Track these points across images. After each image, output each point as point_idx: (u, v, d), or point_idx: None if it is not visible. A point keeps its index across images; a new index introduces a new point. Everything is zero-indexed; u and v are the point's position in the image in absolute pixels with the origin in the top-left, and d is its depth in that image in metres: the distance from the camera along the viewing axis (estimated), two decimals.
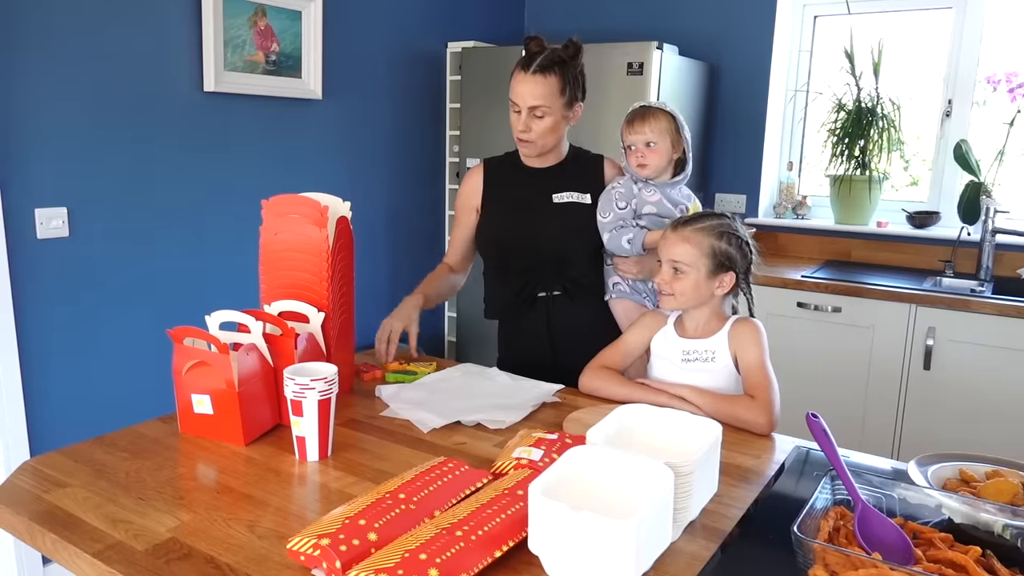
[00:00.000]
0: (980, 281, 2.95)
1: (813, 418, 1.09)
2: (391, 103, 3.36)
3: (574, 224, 1.84)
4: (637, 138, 1.78)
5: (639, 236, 1.79)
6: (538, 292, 1.86)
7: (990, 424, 2.58)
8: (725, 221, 1.53)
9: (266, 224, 1.49)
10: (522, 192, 1.87)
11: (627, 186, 1.82)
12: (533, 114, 1.74)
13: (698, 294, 1.51)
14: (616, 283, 1.88)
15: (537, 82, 1.72)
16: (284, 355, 1.36)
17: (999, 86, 3.14)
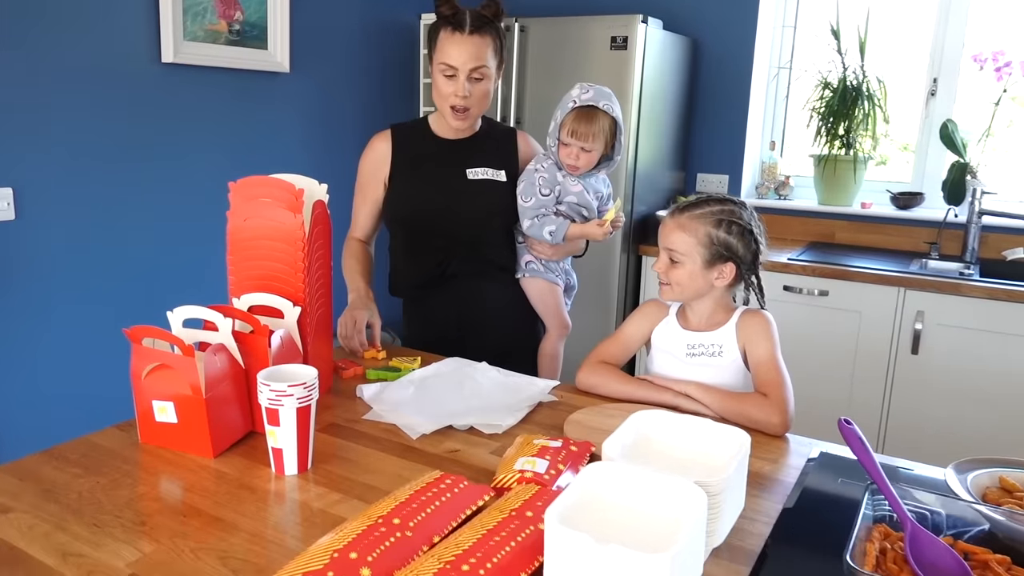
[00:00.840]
0: (966, 263, 2.91)
1: (847, 425, 0.99)
2: (363, 77, 3.19)
3: (490, 203, 1.76)
4: (576, 143, 1.71)
5: (562, 228, 1.74)
6: (450, 271, 1.77)
7: (979, 409, 2.55)
8: (728, 207, 1.43)
9: (234, 209, 1.35)
10: (434, 165, 1.76)
11: (551, 172, 1.75)
12: (471, 77, 1.62)
13: (695, 285, 1.41)
14: (529, 262, 1.83)
15: (475, 43, 1.61)
16: (256, 355, 1.23)
17: (986, 65, 3.08)
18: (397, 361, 1.59)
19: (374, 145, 1.80)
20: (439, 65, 1.63)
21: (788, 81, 3.49)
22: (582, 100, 1.69)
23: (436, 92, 1.68)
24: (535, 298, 1.84)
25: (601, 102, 1.69)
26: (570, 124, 1.69)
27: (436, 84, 1.66)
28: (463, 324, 1.81)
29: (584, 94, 1.70)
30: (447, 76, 1.63)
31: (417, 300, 1.85)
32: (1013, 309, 2.47)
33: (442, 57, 1.62)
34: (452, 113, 1.67)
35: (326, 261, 1.40)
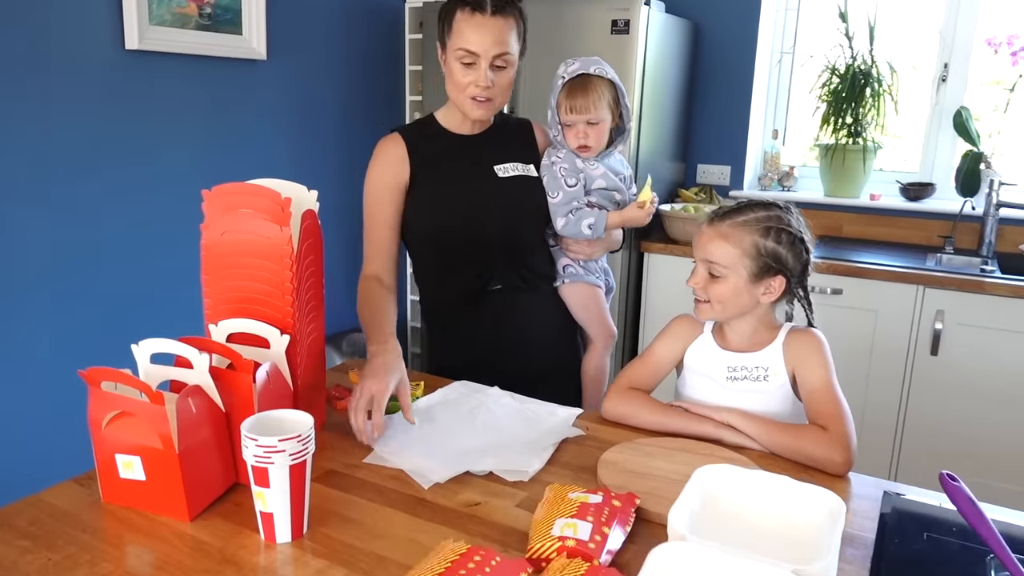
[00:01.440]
0: (984, 258, 2.78)
1: (951, 481, 0.83)
2: (345, 65, 2.98)
3: (527, 203, 1.57)
4: (578, 117, 1.54)
5: (601, 219, 1.57)
6: (492, 285, 1.56)
7: (1001, 412, 2.42)
8: (774, 212, 1.26)
9: (209, 221, 1.16)
10: (458, 166, 1.54)
11: (569, 160, 1.58)
12: (493, 65, 1.43)
13: (739, 302, 1.25)
14: (567, 265, 1.65)
15: (498, 25, 1.41)
16: (239, 396, 1.05)
17: (1000, 49, 2.95)
18: None
19: (385, 151, 1.55)
20: (456, 51, 1.43)
21: (791, 67, 3.33)
22: (570, 72, 1.54)
23: (452, 82, 1.47)
24: (577, 305, 1.65)
25: (591, 67, 1.54)
26: (565, 100, 1.53)
27: (452, 73, 1.46)
28: (503, 344, 1.59)
29: (571, 66, 1.55)
30: (466, 64, 1.43)
31: (452, 323, 1.62)
32: None
33: (460, 42, 1.42)
34: (473, 104, 1.46)
35: (318, 279, 1.22)
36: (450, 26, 1.43)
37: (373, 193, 1.54)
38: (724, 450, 1.18)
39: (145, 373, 1.06)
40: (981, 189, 2.89)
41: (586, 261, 1.64)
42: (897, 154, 3.25)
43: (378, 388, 1.20)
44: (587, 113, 1.53)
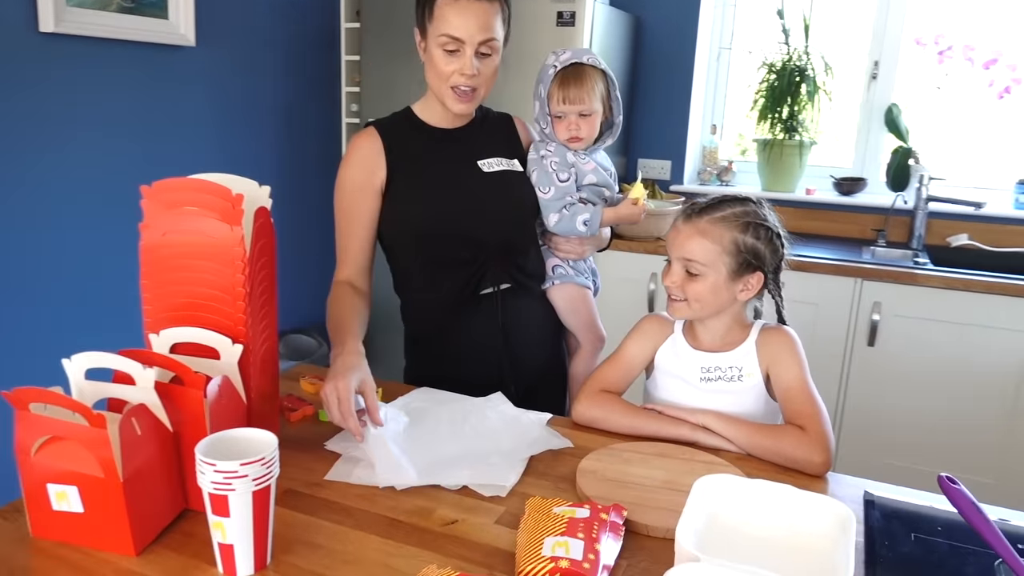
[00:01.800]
0: (915, 251, 2.87)
1: (951, 484, 0.82)
2: (279, 53, 2.84)
3: (515, 199, 1.50)
4: (571, 108, 1.48)
5: (596, 215, 1.52)
6: (483, 288, 1.47)
7: (936, 400, 2.50)
8: (751, 207, 1.24)
9: (149, 220, 1.05)
10: (439, 161, 1.45)
11: (560, 153, 1.52)
12: (479, 52, 1.35)
13: (718, 300, 1.22)
14: (556, 266, 1.59)
15: (483, 9, 1.33)
16: (188, 413, 0.95)
17: (927, 48, 3.04)
18: None
19: (359, 148, 1.44)
20: (438, 38, 1.33)
21: (728, 63, 3.37)
22: (563, 62, 1.47)
23: (434, 71, 1.38)
24: (566, 308, 1.58)
25: (584, 57, 1.49)
26: (558, 91, 1.47)
27: (433, 61, 1.37)
28: (496, 352, 1.48)
29: (562, 55, 1.48)
30: (449, 51, 1.34)
31: (440, 330, 1.50)
32: (969, 298, 2.42)
33: (443, 27, 1.32)
34: (455, 96, 1.37)
35: (271, 283, 1.12)
36: (431, 10, 1.34)
37: (346, 194, 1.43)
38: (702, 454, 1.15)
39: (79, 391, 0.95)
40: (911, 184, 2.98)
41: (575, 261, 1.57)
42: (831, 149, 3.32)
43: (342, 386, 1.12)
44: (580, 104, 1.46)
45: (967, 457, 2.48)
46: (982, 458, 2.48)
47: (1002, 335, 2.40)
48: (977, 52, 2.95)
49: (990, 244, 2.86)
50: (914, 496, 1.08)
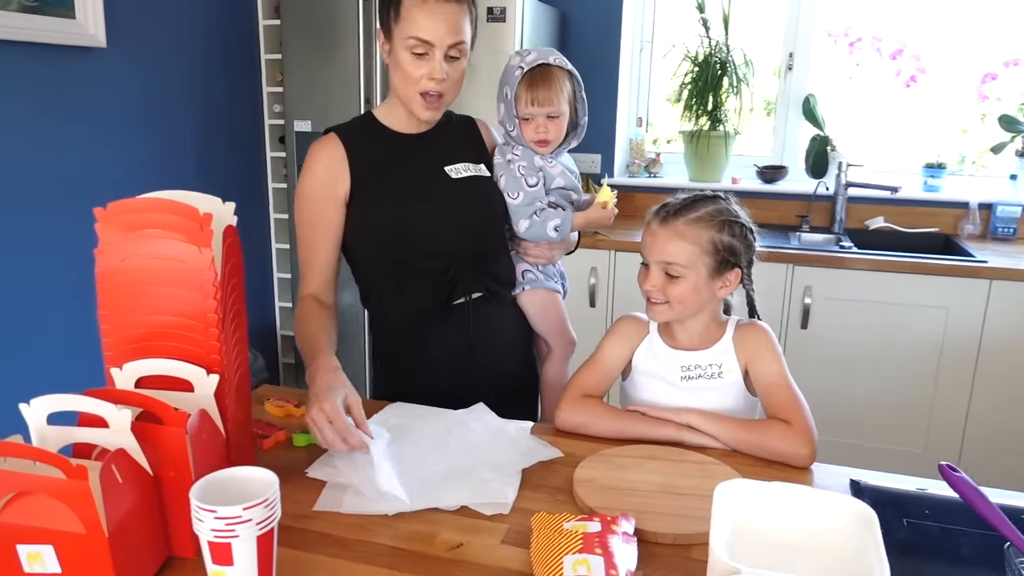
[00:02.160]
0: (837, 235, 3.00)
1: (952, 471, 0.84)
2: (195, 51, 2.69)
3: (484, 205, 1.46)
4: (539, 110, 1.46)
5: (567, 220, 1.51)
6: (455, 298, 1.42)
7: (866, 378, 2.62)
8: (722, 205, 1.25)
9: (106, 245, 0.96)
10: (406, 169, 1.40)
11: (528, 157, 1.50)
12: (448, 56, 1.30)
13: (699, 300, 1.23)
14: (526, 271, 1.56)
15: (452, 11, 1.28)
16: (167, 454, 0.88)
17: (839, 40, 3.17)
18: None
19: (320, 156, 1.37)
20: (406, 40, 1.28)
21: (651, 56, 3.42)
22: (529, 63, 1.44)
23: (400, 75, 1.32)
24: (537, 314, 1.55)
25: (551, 58, 1.46)
26: (526, 93, 1.43)
27: (400, 65, 1.31)
28: (470, 363, 1.45)
29: (527, 56, 1.45)
30: (417, 54, 1.28)
31: (411, 343, 1.45)
32: (894, 279, 2.54)
33: (411, 30, 1.27)
34: (423, 101, 1.33)
35: (241, 305, 1.05)
36: (398, 12, 1.28)
37: (308, 205, 1.37)
38: (691, 454, 1.16)
39: (41, 438, 0.86)
40: (830, 170, 3.11)
41: (544, 266, 1.55)
42: (751, 139, 3.43)
43: (330, 408, 1.08)
44: (549, 106, 1.44)
45: (896, 429, 2.62)
46: (910, 429, 2.61)
47: (922, 312, 2.53)
48: (884, 43, 3.10)
49: (904, 226, 3.03)
50: (896, 481, 1.11)
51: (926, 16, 3.03)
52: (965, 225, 2.93)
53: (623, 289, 2.81)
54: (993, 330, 2.47)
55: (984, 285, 2.46)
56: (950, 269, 2.48)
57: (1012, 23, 2.90)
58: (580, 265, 2.78)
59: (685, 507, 1.01)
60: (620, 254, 2.78)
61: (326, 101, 2.81)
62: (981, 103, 3.04)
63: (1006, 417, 2.50)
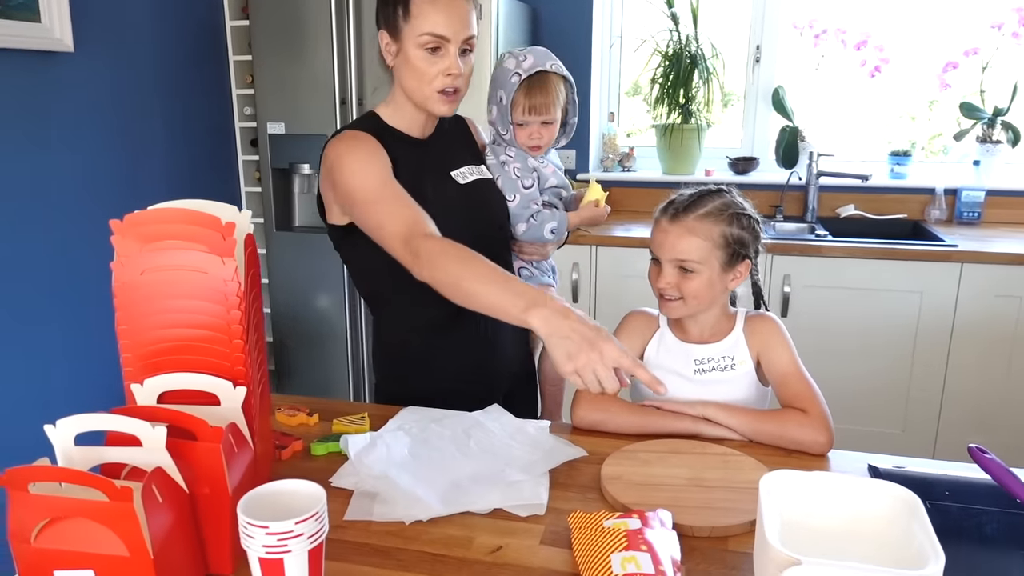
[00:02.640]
0: (810, 224, 3.06)
1: (982, 454, 0.87)
2: (164, 54, 2.62)
3: (493, 209, 1.46)
4: (536, 118, 1.47)
5: (563, 221, 1.53)
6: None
7: (847, 363, 2.68)
8: (727, 198, 1.27)
9: (123, 258, 0.93)
10: (417, 173, 1.35)
11: (521, 158, 1.51)
12: (462, 49, 1.28)
13: (713, 294, 1.24)
14: (521, 268, 1.58)
15: (463, 5, 1.26)
16: (201, 470, 0.85)
17: (804, 32, 3.23)
18: (341, 424, 1.25)
19: (363, 142, 1.30)
20: (420, 37, 1.24)
21: (620, 51, 3.44)
22: (526, 69, 1.43)
23: (414, 75, 1.28)
24: None
25: (547, 63, 1.46)
26: (524, 100, 1.44)
27: (414, 64, 1.27)
28: (483, 364, 1.45)
29: (524, 61, 1.44)
30: (432, 50, 1.26)
31: (425, 349, 1.43)
32: (870, 265, 2.61)
33: (425, 26, 1.24)
34: (441, 99, 1.29)
35: (261, 316, 1.03)
36: (407, 9, 1.25)
37: (377, 173, 1.26)
38: (712, 446, 1.17)
39: (67, 460, 0.83)
40: (800, 160, 3.17)
41: (539, 262, 1.56)
42: (722, 131, 3.47)
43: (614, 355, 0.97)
44: (546, 114, 1.45)
45: (875, 411, 2.68)
46: (888, 411, 2.69)
47: (898, 296, 2.60)
48: (848, 35, 3.17)
49: (873, 212, 3.10)
50: (913, 464, 1.14)
51: (888, 8, 3.11)
52: (932, 210, 3.02)
53: (606, 284, 2.83)
54: (965, 312, 2.55)
55: (955, 268, 2.54)
56: (923, 254, 2.55)
57: (970, 13, 2.99)
58: (562, 261, 2.79)
59: (716, 500, 1.02)
60: (602, 249, 2.80)
61: (299, 102, 2.76)
62: (943, 91, 3.13)
63: (979, 396, 2.59)
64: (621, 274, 2.79)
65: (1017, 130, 2.95)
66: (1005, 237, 2.74)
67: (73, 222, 2.26)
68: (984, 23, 2.97)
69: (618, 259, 2.80)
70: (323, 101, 2.73)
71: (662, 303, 1.27)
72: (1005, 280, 2.50)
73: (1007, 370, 2.55)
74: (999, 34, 2.96)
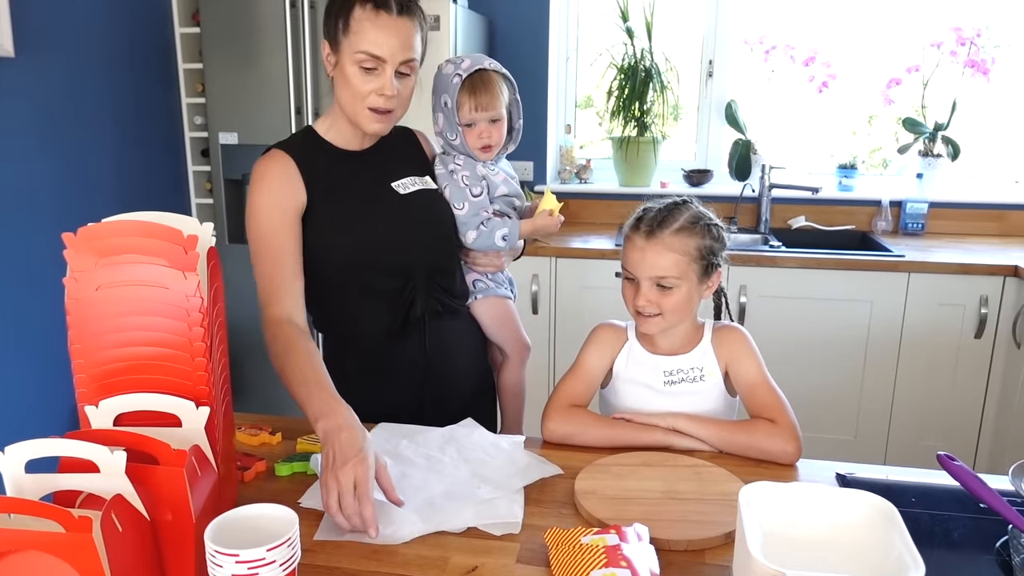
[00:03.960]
0: (763, 235, 3.12)
1: (951, 461, 0.88)
2: (110, 61, 2.53)
3: (437, 219, 1.44)
4: (483, 115, 1.45)
5: (515, 229, 1.51)
6: (413, 315, 1.39)
7: (801, 371, 2.73)
8: (695, 209, 1.28)
9: (76, 272, 0.88)
10: (354, 187, 1.35)
11: (470, 166, 1.49)
12: (399, 71, 1.27)
13: (690, 307, 1.25)
14: (476, 280, 1.56)
15: (404, 27, 1.24)
16: (163, 496, 0.81)
17: (755, 48, 3.30)
18: (306, 442, 1.21)
19: (273, 170, 1.29)
20: (356, 55, 1.23)
21: (576, 64, 3.47)
22: (465, 69, 1.43)
23: (348, 90, 1.27)
24: (492, 321, 1.54)
25: (486, 63, 1.46)
26: (470, 99, 1.42)
27: (348, 80, 1.26)
28: (432, 378, 1.42)
29: (462, 63, 1.44)
30: (367, 69, 1.24)
31: (371, 363, 1.40)
32: (822, 275, 2.66)
33: (362, 44, 1.22)
34: (371, 117, 1.28)
35: (224, 333, 0.99)
36: (347, 24, 1.23)
37: (268, 220, 1.27)
38: (683, 458, 1.17)
39: (17, 488, 0.78)
40: (753, 173, 3.23)
41: (494, 273, 1.54)
42: (676, 144, 3.52)
43: (361, 472, 0.97)
44: (492, 110, 1.43)
45: (829, 418, 2.74)
46: (841, 419, 2.74)
47: (849, 306, 2.66)
48: (797, 51, 3.25)
49: (823, 224, 3.18)
50: (878, 471, 1.16)
51: (834, 25, 3.20)
52: (878, 222, 3.10)
53: (565, 295, 2.83)
54: (913, 321, 2.62)
55: (903, 278, 2.61)
56: (873, 264, 2.62)
57: (911, 31, 3.10)
58: (522, 272, 2.78)
59: (691, 512, 1.02)
60: (561, 260, 2.80)
61: (253, 112, 2.71)
62: (887, 107, 3.23)
63: (926, 403, 2.66)
64: (581, 285, 2.80)
65: (957, 144, 3.06)
66: (948, 247, 2.84)
67: (14, 234, 2.16)
68: (924, 41, 3.08)
69: (578, 270, 2.80)
70: (278, 110, 2.67)
71: (640, 320, 1.26)
72: (950, 289, 2.58)
73: (952, 378, 2.63)
74: (938, 52, 3.08)
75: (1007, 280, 2.54)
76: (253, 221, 1.29)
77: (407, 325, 1.38)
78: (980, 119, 3.16)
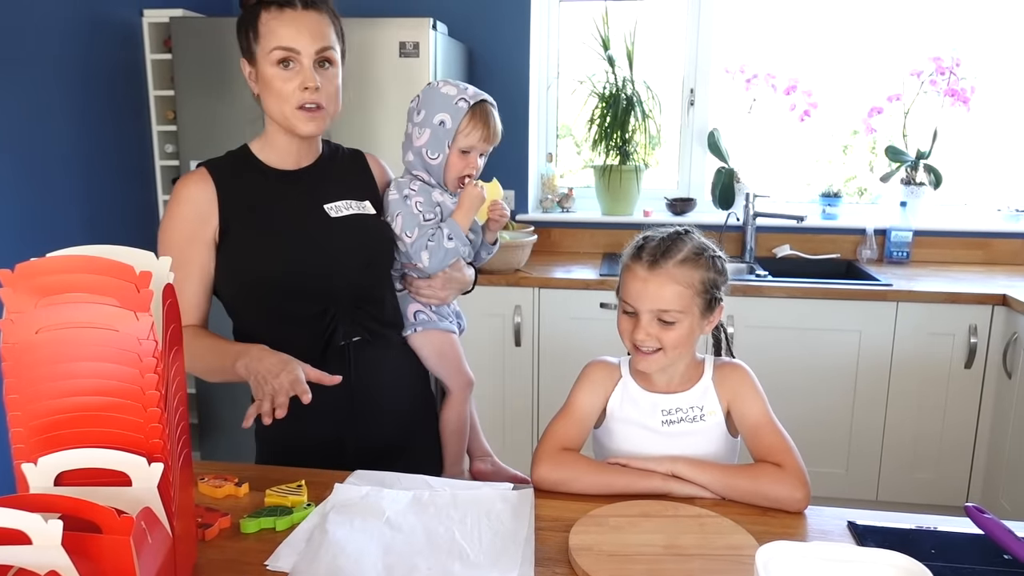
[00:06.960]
0: (749, 264, 3.07)
1: (981, 513, 0.81)
2: (75, 89, 2.44)
3: (365, 245, 1.37)
4: (485, 147, 1.41)
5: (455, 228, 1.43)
6: (334, 343, 1.33)
7: (789, 403, 2.65)
8: (697, 240, 1.21)
9: (13, 314, 0.79)
10: (283, 207, 1.31)
11: (425, 193, 1.42)
12: (317, 62, 1.24)
13: (691, 343, 1.18)
14: (417, 312, 1.48)
15: (314, 19, 1.24)
16: (107, 566, 0.71)
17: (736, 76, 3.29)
18: (275, 495, 1.11)
19: (186, 195, 1.27)
20: (270, 54, 1.22)
21: (557, 92, 3.43)
22: (471, 96, 1.38)
23: (272, 95, 1.24)
24: (431, 355, 1.47)
25: (486, 95, 1.42)
26: (478, 128, 1.37)
27: (269, 83, 1.23)
28: (358, 410, 1.35)
29: (466, 90, 1.39)
30: (285, 66, 1.22)
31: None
32: (808, 305, 2.62)
33: (273, 41, 1.21)
34: (303, 116, 1.24)
35: (182, 379, 0.90)
36: (256, 30, 1.23)
37: (173, 243, 1.26)
38: (685, 507, 1.09)
39: None
40: (737, 201, 3.19)
41: (438, 306, 1.47)
42: (658, 173, 3.48)
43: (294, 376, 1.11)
44: (495, 143, 1.40)
45: (819, 451, 2.67)
46: (832, 450, 2.68)
47: (835, 336, 2.62)
48: (778, 80, 3.24)
49: (808, 252, 3.14)
50: (891, 520, 1.08)
51: (815, 54, 3.20)
52: (863, 250, 3.08)
53: (549, 326, 2.75)
54: (902, 350, 2.58)
55: (891, 307, 2.57)
56: (860, 294, 2.58)
57: (892, 61, 3.11)
58: (504, 303, 2.70)
59: (696, 570, 0.93)
60: (544, 291, 2.73)
61: (225, 139, 2.56)
62: (869, 135, 3.22)
63: (918, 434, 2.61)
64: (565, 316, 2.73)
65: (939, 173, 3.05)
66: (934, 276, 2.81)
67: None
68: (905, 70, 3.08)
69: (561, 301, 2.73)
70: (249, 139, 2.58)
71: (638, 356, 1.18)
72: (938, 318, 2.54)
73: (943, 409, 2.58)
74: (918, 81, 3.08)
75: (995, 309, 2.51)
76: (160, 247, 1.28)
77: (327, 351, 1.32)
78: (961, 148, 3.15)
